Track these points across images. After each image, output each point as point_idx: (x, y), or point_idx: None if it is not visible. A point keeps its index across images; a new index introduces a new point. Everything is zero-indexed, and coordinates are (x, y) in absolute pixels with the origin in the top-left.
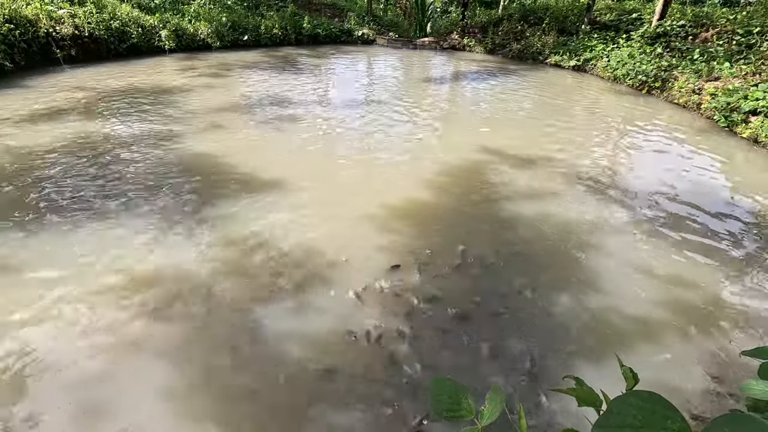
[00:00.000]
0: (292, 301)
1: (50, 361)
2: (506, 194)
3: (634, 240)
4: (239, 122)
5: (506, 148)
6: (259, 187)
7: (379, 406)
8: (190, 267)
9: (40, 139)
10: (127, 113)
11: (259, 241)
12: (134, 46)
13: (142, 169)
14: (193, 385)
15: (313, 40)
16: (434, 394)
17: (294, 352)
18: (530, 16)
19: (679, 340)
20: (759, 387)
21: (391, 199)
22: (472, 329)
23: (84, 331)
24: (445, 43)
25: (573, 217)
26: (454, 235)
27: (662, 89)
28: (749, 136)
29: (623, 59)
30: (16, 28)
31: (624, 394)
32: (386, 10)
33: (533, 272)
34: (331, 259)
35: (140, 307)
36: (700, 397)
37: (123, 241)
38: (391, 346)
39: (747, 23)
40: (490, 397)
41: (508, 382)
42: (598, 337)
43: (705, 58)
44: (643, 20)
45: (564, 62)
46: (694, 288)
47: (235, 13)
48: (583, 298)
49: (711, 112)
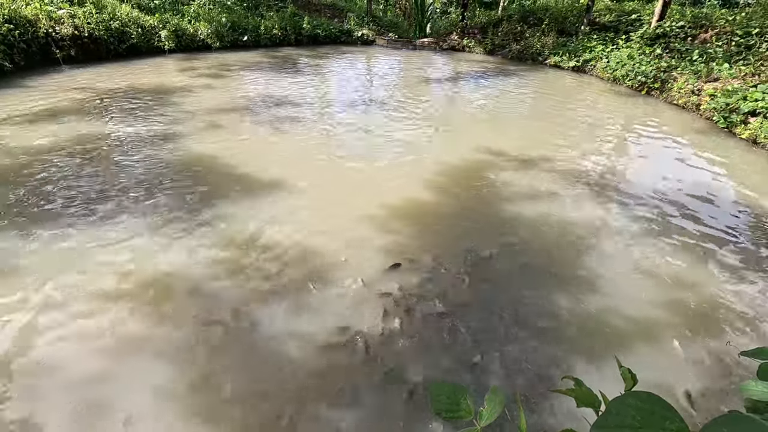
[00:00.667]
0: (291, 301)
1: (48, 361)
2: (506, 195)
3: (633, 241)
4: (239, 123)
5: (506, 148)
6: (258, 187)
7: (374, 410)
8: (190, 267)
9: (39, 140)
10: (126, 114)
11: (258, 241)
12: (134, 47)
13: (142, 169)
14: (192, 385)
15: (312, 41)
16: (433, 395)
17: (291, 353)
18: (530, 17)
19: (677, 340)
20: (758, 388)
21: (391, 199)
22: (472, 329)
23: (82, 331)
24: (444, 43)
25: (572, 217)
26: (454, 236)
27: (661, 90)
28: (748, 137)
29: (623, 60)
30: (15, 29)
31: (622, 395)
32: (386, 11)
33: (533, 273)
34: (330, 260)
35: (139, 308)
36: (700, 397)
37: (121, 241)
38: (389, 346)
39: (746, 24)
40: (489, 398)
41: (507, 382)
42: (597, 337)
43: (704, 59)
44: (642, 21)
45: (563, 63)
46: (694, 289)
47: (235, 14)
48: (583, 298)
49: (710, 113)
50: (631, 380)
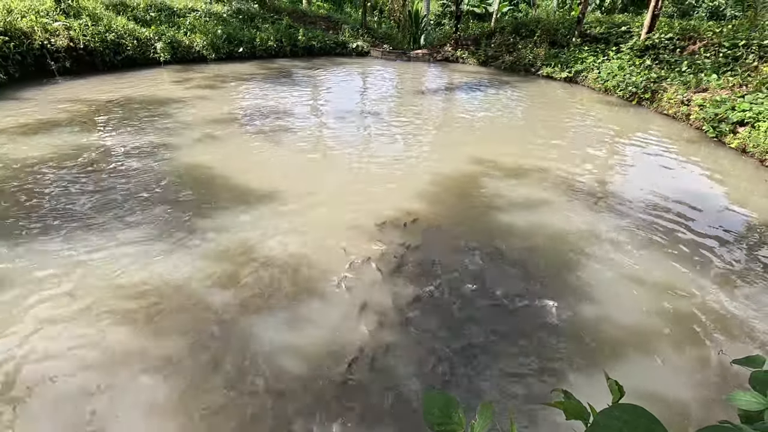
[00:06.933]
0: (284, 312)
1: (41, 374)
2: (499, 204)
3: (624, 249)
4: (234, 134)
5: (499, 158)
6: (253, 198)
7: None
8: (183, 279)
9: (34, 151)
10: (121, 125)
11: (252, 252)
12: (129, 58)
13: (136, 181)
14: (184, 398)
15: (308, 53)
16: (425, 407)
17: (285, 364)
18: (522, 28)
19: (669, 349)
20: (746, 398)
21: (386, 209)
22: (467, 340)
23: (75, 344)
24: (438, 55)
25: (564, 226)
26: (449, 245)
27: (652, 100)
28: (737, 146)
29: (613, 71)
30: (10, 41)
31: (609, 407)
32: (380, 23)
33: (526, 281)
34: (324, 270)
35: (132, 320)
36: (691, 406)
37: (115, 253)
38: (383, 360)
39: (733, 36)
40: (481, 412)
41: (501, 395)
42: (589, 346)
43: (693, 69)
44: (632, 33)
45: (555, 74)
46: (684, 297)
47: (231, 26)
48: (575, 307)
49: (700, 123)
50: (618, 392)
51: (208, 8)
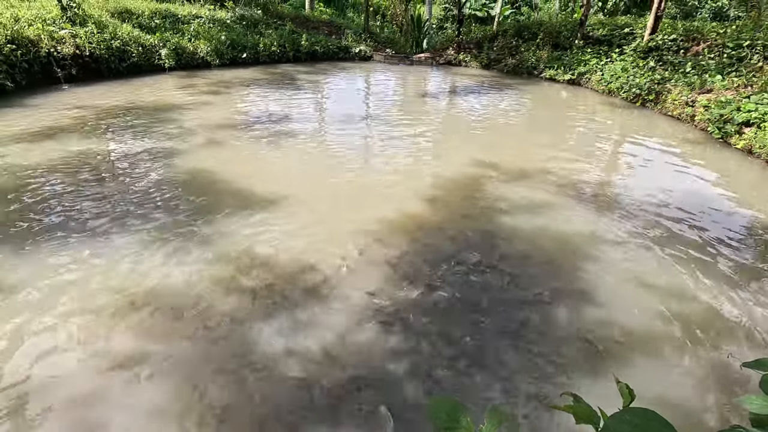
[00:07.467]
0: (287, 317)
1: (39, 379)
2: (502, 207)
3: (629, 252)
4: (238, 139)
5: (502, 161)
6: (256, 203)
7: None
8: (187, 285)
9: (40, 158)
10: (126, 131)
11: (255, 257)
12: (135, 65)
13: (141, 186)
14: (188, 404)
15: (311, 57)
16: (432, 411)
17: (286, 369)
18: (524, 31)
19: (677, 352)
20: (757, 401)
21: (388, 213)
22: (468, 343)
23: (78, 350)
24: (441, 58)
25: (567, 228)
26: (451, 248)
27: (656, 102)
28: (743, 147)
29: (617, 73)
30: (17, 49)
31: (620, 411)
32: (383, 27)
33: (529, 285)
34: (326, 274)
35: (135, 326)
36: (702, 411)
37: (119, 258)
38: (385, 362)
39: (737, 37)
40: (489, 416)
41: (505, 398)
42: (595, 350)
43: (697, 71)
44: (635, 35)
45: (559, 76)
46: (691, 300)
47: (234, 32)
48: (580, 310)
49: (705, 124)
50: (629, 396)
51: (211, 15)
